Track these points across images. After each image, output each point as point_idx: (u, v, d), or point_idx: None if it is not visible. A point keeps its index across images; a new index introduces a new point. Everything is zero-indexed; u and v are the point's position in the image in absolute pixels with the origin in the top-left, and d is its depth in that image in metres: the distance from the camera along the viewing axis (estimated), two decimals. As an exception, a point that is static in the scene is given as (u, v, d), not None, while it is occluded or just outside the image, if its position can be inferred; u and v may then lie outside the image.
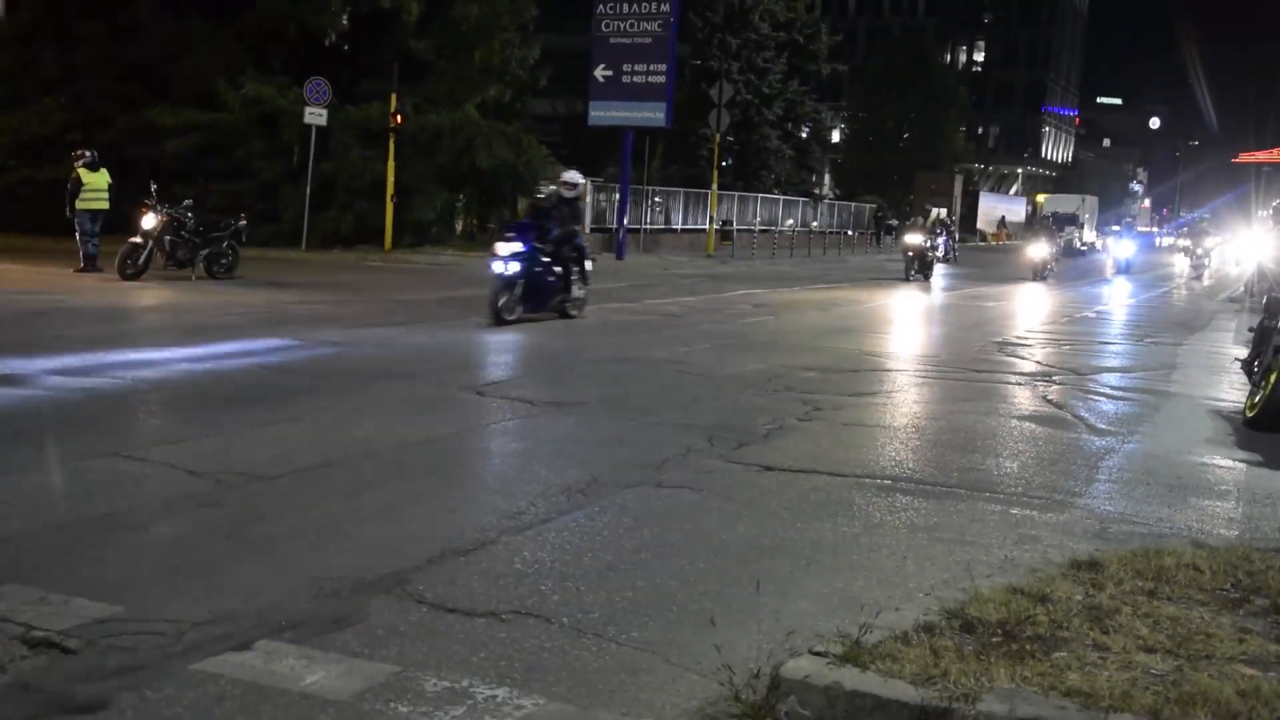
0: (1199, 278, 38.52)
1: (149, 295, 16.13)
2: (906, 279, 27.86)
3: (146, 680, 3.61)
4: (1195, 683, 3.58)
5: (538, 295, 14.65)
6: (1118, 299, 27.61)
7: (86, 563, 4.70)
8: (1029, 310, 22.39)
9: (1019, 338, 15.96)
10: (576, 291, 15.38)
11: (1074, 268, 42.82)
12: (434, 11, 30.44)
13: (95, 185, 18.93)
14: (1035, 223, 43.01)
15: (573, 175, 15.73)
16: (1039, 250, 32.01)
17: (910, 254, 28.61)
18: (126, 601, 4.25)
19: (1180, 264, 46.70)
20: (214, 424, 7.56)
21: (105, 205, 19.00)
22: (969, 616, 4.12)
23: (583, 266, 15.50)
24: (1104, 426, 9.04)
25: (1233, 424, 9.40)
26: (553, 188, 15.83)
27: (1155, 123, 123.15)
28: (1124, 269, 39.09)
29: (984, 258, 48.14)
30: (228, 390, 8.82)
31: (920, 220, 33.76)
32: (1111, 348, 15.49)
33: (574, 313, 15.26)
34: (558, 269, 14.94)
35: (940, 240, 37.51)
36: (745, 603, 4.57)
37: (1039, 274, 31.32)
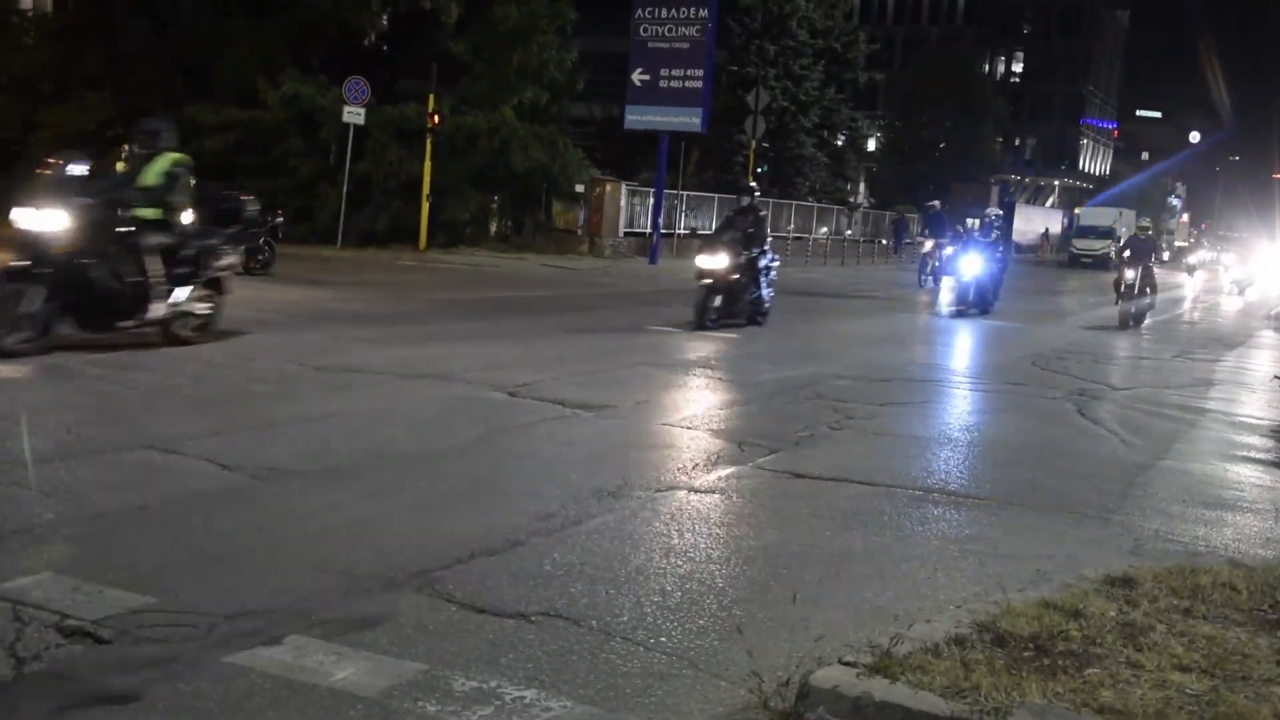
0: (1134, 323, 20.60)
1: (185, 290, 16.23)
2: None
3: (178, 672, 3.64)
4: (1231, 704, 3.54)
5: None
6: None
7: (120, 554, 4.74)
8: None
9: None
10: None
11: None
12: (473, 13, 30.54)
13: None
14: (732, 218, 17.48)
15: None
16: (716, 261, 15.45)
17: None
18: (159, 593, 4.28)
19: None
20: (248, 419, 7.61)
21: None
22: (1001, 630, 4.09)
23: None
24: (1140, 442, 8.95)
25: (1270, 442, 9.30)
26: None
27: (1195, 137, 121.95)
28: (970, 299, 20.64)
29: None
30: (262, 386, 8.86)
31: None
32: (1147, 363, 15.34)
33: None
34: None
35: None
36: (775, 610, 4.56)
37: (709, 314, 15.16)
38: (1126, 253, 21.43)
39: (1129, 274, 20.68)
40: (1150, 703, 3.52)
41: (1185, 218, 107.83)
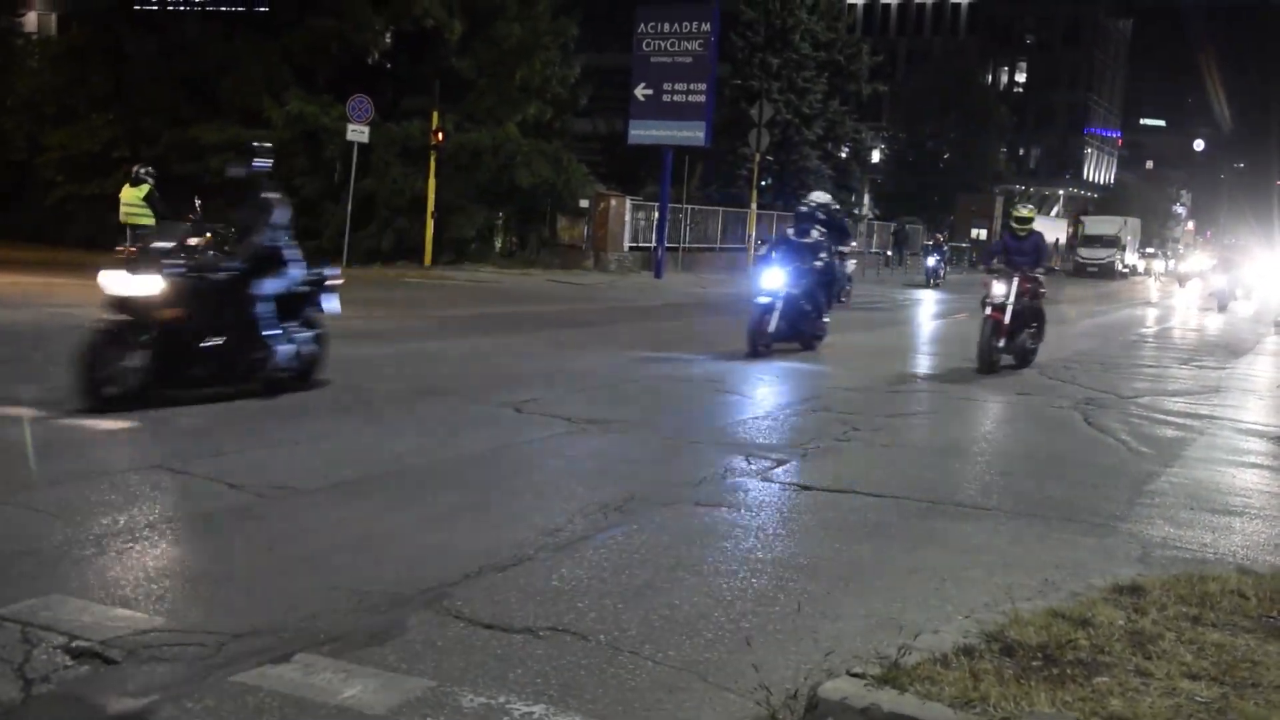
0: (1016, 361, 13.91)
1: (192, 309, 16.27)
2: None
3: (187, 691, 3.64)
4: (1241, 711, 3.53)
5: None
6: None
7: (128, 574, 4.75)
8: None
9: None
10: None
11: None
12: (476, 30, 30.66)
13: (127, 200, 19.03)
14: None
15: None
16: (142, 283, 8.32)
17: None
18: (167, 613, 4.29)
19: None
20: (255, 437, 7.62)
21: (138, 220, 18.77)
22: (1009, 639, 4.08)
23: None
24: (1147, 450, 8.94)
25: (1278, 448, 9.28)
26: None
27: (1199, 145, 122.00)
28: (776, 329, 13.86)
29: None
30: (269, 404, 8.88)
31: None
32: (1153, 371, 15.32)
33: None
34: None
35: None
36: (782, 623, 4.55)
37: (106, 382, 8.02)
38: (995, 259, 14.23)
39: (998, 289, 13.34)
40: (1160, 711, 3.52)
41: (1191, 226, 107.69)
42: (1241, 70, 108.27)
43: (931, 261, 37.62)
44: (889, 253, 49.05)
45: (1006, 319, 13.22)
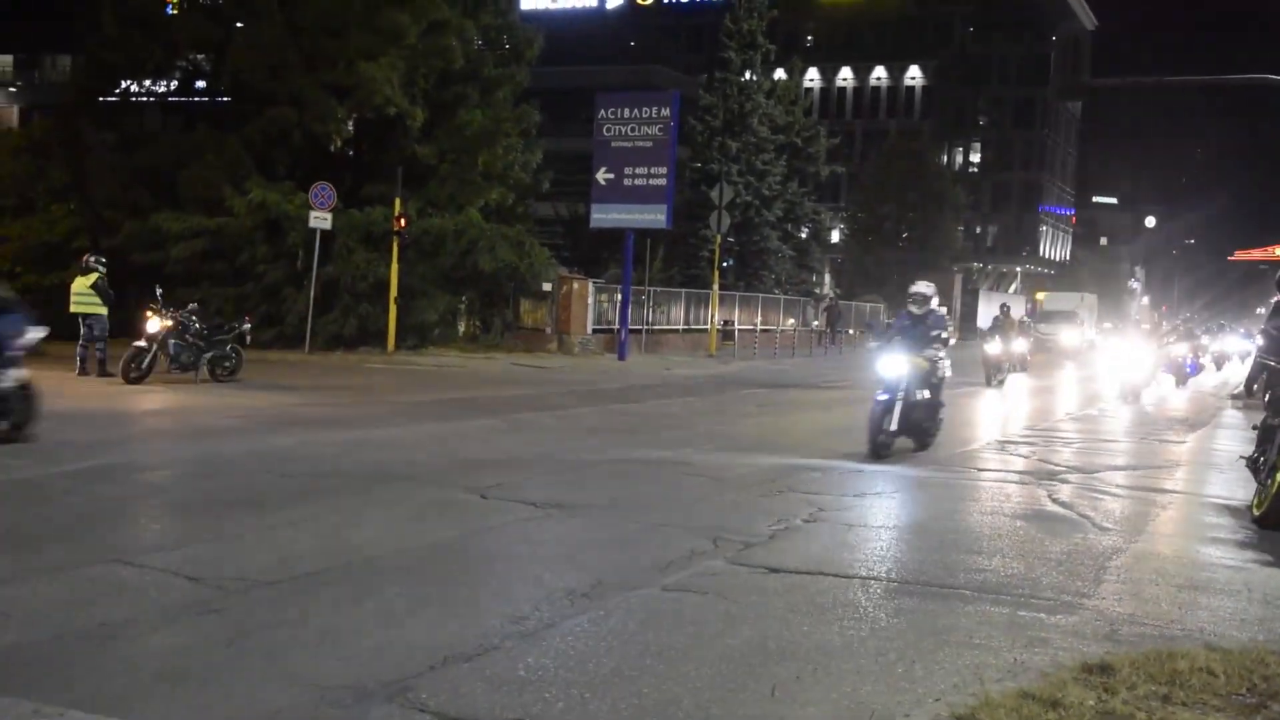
0: None
1: (153, 398, 16.15)
2: None
3: (142, 795, 3.54)
4: (1214, 791, 3.51)
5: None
6: None
7: (83, 675, 4.63)
8: None
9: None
10: None
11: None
12: (438, 118, 30.93)
13: (77, 289, 18.92)
14: None
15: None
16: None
17: None
18: (123, 714, 4.19)
19: None
20: (215, 528, 7.51)
21: (87, 308, 18.68)
22: (980, 723, 4.05)
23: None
24: (1110, 525, 8.97)
25: (1240, 522, 9.33)
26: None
27: (1151, 221, 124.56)
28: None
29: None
30: (229, 494, 8.78)
31: None
32: (1114, 446, 15.43)
33: None
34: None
35: None
36: (753, 709, 4.50)
37: None
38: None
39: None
40: (1133, 793, 3.49)
41: (1146, 300, 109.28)
42: (1188, 149, 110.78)
43: None
44: (823, 330, 46.79)
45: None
